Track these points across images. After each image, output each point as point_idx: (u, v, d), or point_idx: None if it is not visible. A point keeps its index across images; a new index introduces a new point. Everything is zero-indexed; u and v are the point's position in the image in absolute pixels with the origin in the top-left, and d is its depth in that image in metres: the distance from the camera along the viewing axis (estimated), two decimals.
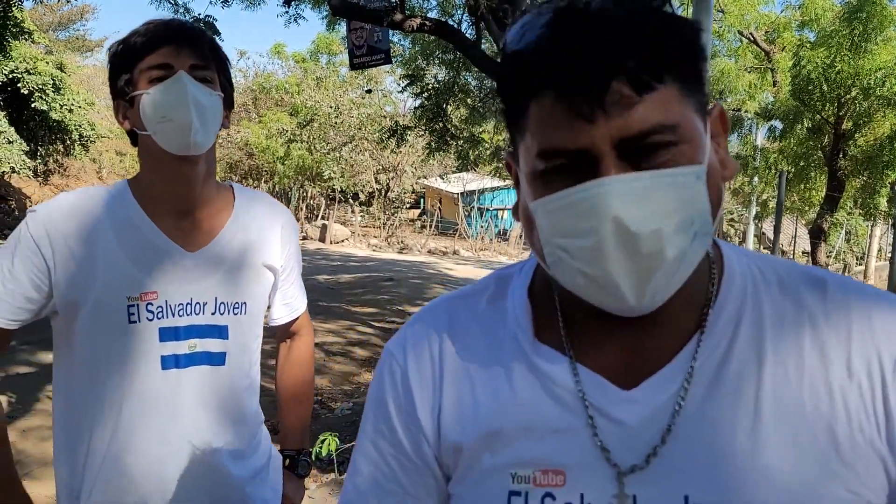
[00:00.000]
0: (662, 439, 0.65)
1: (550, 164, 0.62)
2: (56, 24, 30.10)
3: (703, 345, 0.67)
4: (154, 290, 1.30)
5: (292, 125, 25.65)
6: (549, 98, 0.60)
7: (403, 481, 0.76)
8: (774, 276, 0.71)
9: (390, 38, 8.42)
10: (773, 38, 12.96)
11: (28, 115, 16.59)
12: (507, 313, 0.75)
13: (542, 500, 0.67)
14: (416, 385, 0.75)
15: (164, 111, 1.25)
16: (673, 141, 0.60)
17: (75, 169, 24.06)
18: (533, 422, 0.69)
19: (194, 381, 1.35)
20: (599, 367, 0.69)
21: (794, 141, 11.84)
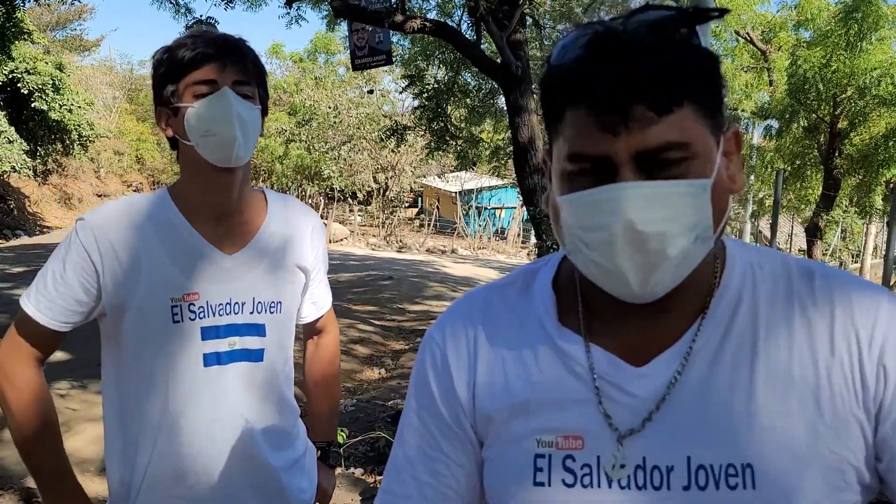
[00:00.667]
0: (657, 406, 0.75)
1: (577, 166, 0.71)
2: (54, 23, 30.07)
3: (704, 327, 0.77)
4: (196, 291, 1.38)
5: (291, 125, 25.70)
6: (581, 110, 0.69)
7: (445, 448, 0.85)
8: (770, 267, 0.81)
9: (390, 38, 8.48)
10: (770, 37, 13.06)
11: (28, 114, 16.62)
12: (535, 301, 0.85)
13: (564, 461, 0.77)
14: (453, 363, 0.85)
15: (209, 125, 1.33)
16: (684, 157, 0.69)
17: (74, 168, 24.07)
18: (556, 395, 0.79)
19: (235, 377, 1.42)
20: (614, 348, 0.79)
21: (790, 140, 11.94)
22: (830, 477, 0.72)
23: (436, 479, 0.86)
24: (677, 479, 0.73)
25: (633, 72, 0.66)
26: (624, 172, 0.69)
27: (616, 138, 0.68)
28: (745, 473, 0.72)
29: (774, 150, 12.89)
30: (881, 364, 0.73)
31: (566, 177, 0.73)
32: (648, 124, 0.67)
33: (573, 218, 0.72)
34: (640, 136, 0.68)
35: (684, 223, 0.69)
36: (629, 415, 0.76)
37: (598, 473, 0.76)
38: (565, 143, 0.72)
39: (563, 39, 0.73)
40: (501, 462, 0.82)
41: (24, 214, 20.43)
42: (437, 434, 0.86)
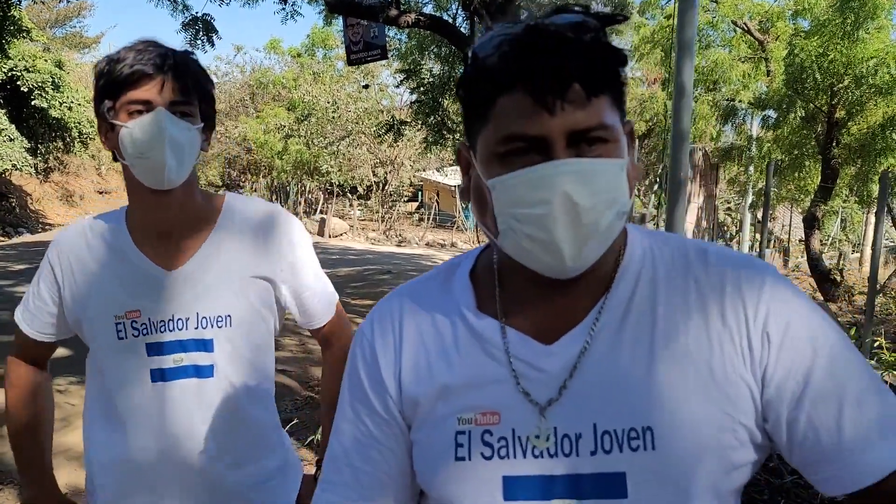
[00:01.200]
0: (570, 374, 0.82)
1: (510, 146, 0.76)
2: (53, 21, 30.09)
3: (607, 305, 0.84)
4: (137, 309, 1.38)
5: (290, 120, 25.71)
6: (518, 93, 0.75)
7: (377, 435, 0.91)
8: (668, 248, 0.88)
9: (386, 33, 8.49)
10: (767, 27, 13.01)
11: (28, 112, 16.67)
12: (455, 291, 0.91)
13: (482, 435, 0.83)
14: (380, 354, 0.91)
15: (141, 148, 1.30)
16: (606, 138, 0.77)
17: (75, 166, 24.13)
18: (474, 376, 0.85)
19: (181, 394, 1.39)
20: (526, 328, 0.85)
21: (787, 130, 11.92)
22: (724, 436, 0.78)
23: (370, 465, 0.91)
24: (585, 446, 0.80)
25: (567, 58, 0.74)
26: (557, 150, 0.75)
27: (552, 117, 0.74)
28: (646, 436, 0.78)
29: (772, 141, 12.88)
30: (765, 332, 0.80)
31: (496, 158, 0.78)
32: (581, 106, 0.74)
33: (507, 198, 0.77)
34: (573, 116, 0.74)
35: (610, 198, 0.77)
36: (542, 389, 0.82)
37: (513, 445, 0.81)
38: (497, 127, 0.77)
39: (484, 39, 0.79)
40: (427, 442, 0.87)
41: (26, 212, 20.51)
42: (369, 422, 0.91)
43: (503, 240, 0.80)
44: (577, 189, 0.74)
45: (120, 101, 1.31)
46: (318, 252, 1.61)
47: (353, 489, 0.91)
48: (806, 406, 0.79)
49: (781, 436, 0.80)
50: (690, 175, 12.89)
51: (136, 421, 1.41)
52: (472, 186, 0.84)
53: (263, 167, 28.50)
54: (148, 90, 1.30)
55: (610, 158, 0.77)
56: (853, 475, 0.78)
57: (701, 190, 13.67)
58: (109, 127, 1.34)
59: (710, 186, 14.30)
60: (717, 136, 14.95)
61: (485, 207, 0.81)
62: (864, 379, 0.80)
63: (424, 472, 0.88)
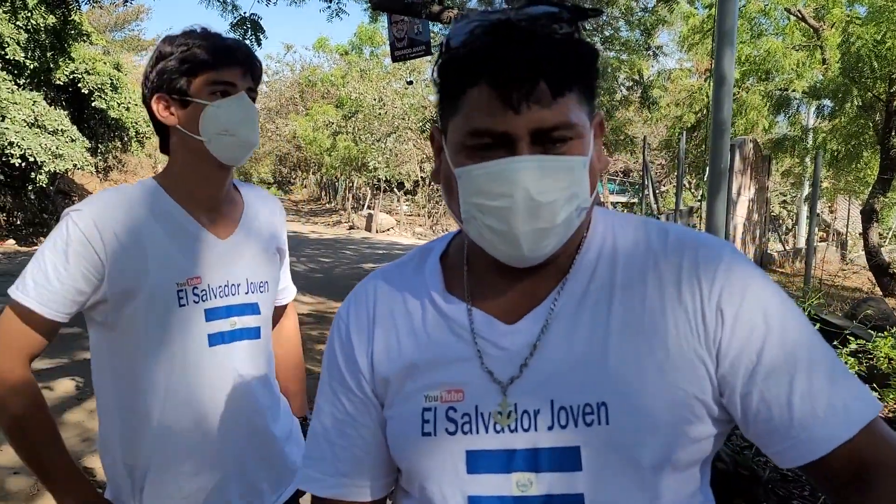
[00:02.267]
0: (531, 352, 0.85)
1: (476, 141, 0.79)
2: (112, 25, 31.06)
3: (567, 285, 0.87)
4: (198, 275, 1.44)
5: (338, 117, 26.01)
6: (485, 87, 0.77)
7: (352, 412, 0.94)
8: (632, 229, 0.91)
9: (431, 28, 8.54)
10: (823, 14, 12.60)
11: (88, 113, 17.26)
12: (425, 275, 0.95)
13: (447, 412, 0.86)
14: (354, 335, 0.95)
15: (228, 126, 1.40)
16: (570, 136, 0.79)
17: (132, 165, 24.90)
18: (440, 354, 0.88)
19: (239, 355, 1.49)
20: (491, 309, 0.88)
21: (844, 120, 11.55)
22: (679, 411, 0.81)
23: (347, 441, 0.95)
24: (543, 421, 0.82)
25: (536, 56, 0.75)
26: (521, 147, 0.77)
27: (517, 115, 0.76)
28: (600, 411, 0.81)
29: (828, 131, 12.49)
30: (719, 309, 0.82)
31: (463, 150, 0.81)
32: (546, 105, 0.76)
33: (471, 188, 0.80)
34: (537, 115, 0.76)
35: (569, 194, 0.79)
36: (504, 367, 0.85)
37: (476, 421, 0.85)
38: (465, 119, 0.80)
39: (458, 26, 0.81)
40: (397, 419, 0.91)
41: None
42: (345, 401, 0.95)
43: (466, 226, 0.84)
44: (537, 185, 0.77)
45: (201, 79, 1.39)
46: (365, 247, 1.79)
47: (331, 464, 0.95)
48: (758, 382, 0.81)
49: (736, 410, 0.83)
50: (741, 167, 12.60)
51: (192, 384, 1.44)
52: (442, 170, 0.87)
53: (313, 164, 28.91)
54: (233, 73, 1.40)
55: (572, 156, 0.79)
56: (802, 449, 0.80)
57: (752, 182, 13.33)
58: (181, 104, 1.41)
59: (761, 178, 13.94)
60: (769, 127, 14.54)
61: (452, 193, 0.84)
62: (816, 355, 0.82)
63: (395, 447, 0.92)
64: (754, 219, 13.53)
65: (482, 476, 0.83)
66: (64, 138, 14.48)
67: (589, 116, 0.82)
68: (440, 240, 1.00)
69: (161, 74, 1.41)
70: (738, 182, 12.40)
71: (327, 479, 0.96)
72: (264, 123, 31.43)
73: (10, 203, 16.48)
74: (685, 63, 21.04)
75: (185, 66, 1.39)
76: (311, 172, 31.02)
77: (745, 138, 12.94)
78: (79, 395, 4.80)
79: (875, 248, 11.21)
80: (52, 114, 14.43)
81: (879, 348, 4.47)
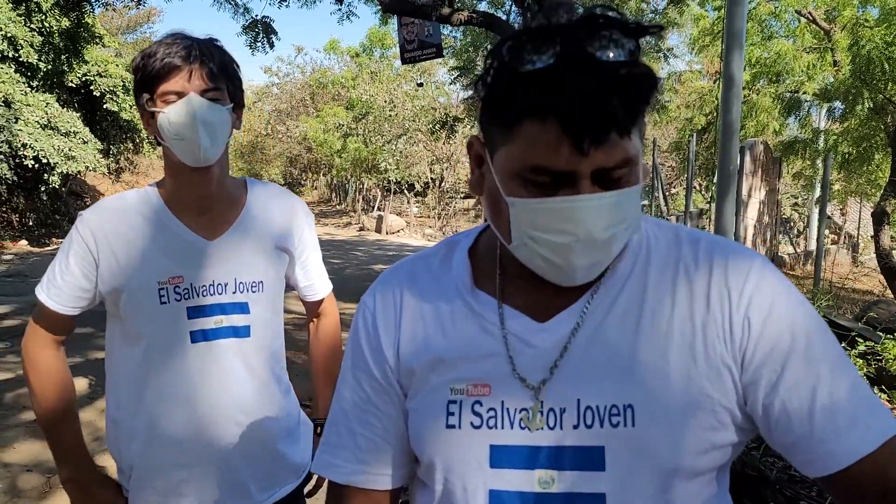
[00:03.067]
0: (561, 354, 0.85)
1: (535, 177, 0.77)
2: (125, 27, 31.27)
3: (600, 289, 0.88)
4: (180, 275, 1.50)
5: (348, 119, 26.06)
6: (553, 125, 0.73)
7: (375, 401, 0.95)
8: (664, 237, 0.91)
9: (441, 30, 8.57)
10: (833, 16, 12.54)
11: (101, 115, 17.38)
12: (453, 269, 0.95)
13: (472, 405, 0.87)
14: (381, 325, 0.96)
15: (177, 130, 1.44)
16: (630, 168, 0.78)
17: (144, 166, 25.06)
18: (469, 349, 0.89)
19: (223, 351, 1.53)
20: (522, 307, 0.89)
21: (855, 122, 11.48)
22: (704, 417, 0.82)
23: (367, 429, 0.95)
24: (569, 420, 0.83)
25: (610, 100, 0.71)
26: (583, 186, 0.76)
27: (583, 157, 0.74)
28: (627, 413, 0.82)
29: (839, 133, 12.41)
30: (747, 317, 0.83)
31: (520, 181, 0.79)
32: (614, 145, 0.75)
33: (528, 220, 0.79)
34: (603, 155, 0.75)
35: (626, 224, 0.80)
36: (533, 365, 0.86)
37: (502, 416, 0.85)
38: (524, 151, 0.76)
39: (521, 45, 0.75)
40: (420, 410, 0.91)
41: None
42: (368, 389, 0.96)
43: (516, 249, 0.83)
44: (599, 223, 0.77)
45: (156, 93, 1.45)
46: (375, 248, 1.77)
47: (351, 452, 0.96)
48: (780, 392, 0.81)
49: (759, 419, 0.83)
50: (751, 169, 12.56)
51: (174, 382, 1.51)
52: (487, 187, 0.85)
53: (323, 165, 28.98)
54: (178, 81, 1.43)
55: (631, 187, 0.78)
56: (822, 461, 0.81)
57: (763, 184, 13.28)
58: (150, 115, 1.48)
59: (772, 181, 13.88)
60: (780, 129, 14.48)
61: (500, 216, 0.83)
62: (839, 369, 0.83)
63: (417, 437, 0.92)
64: (765, 221, 13.48)
65: (505, 471, 0.84)
66: (76, 140, 14.60)
67: (641, 139, 0.81)
68: (467, 233, 1.00)
69: (133, 92, 1.52)
70: (748, 184, 12.35)
71: (346, 465, 0.96)
72: (274, 125, 31.57)
73: (23, 204, 16.63)
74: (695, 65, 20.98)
75: (142, 83, 1.47)
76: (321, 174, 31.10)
77: (755, 140, 12.90)
78: (91, 395, 4.84)
79: (886, 251, 11.11)
80: (64, 115, 14.56)
81: (888, 350, 4.46)
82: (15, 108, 13.40)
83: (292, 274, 1.71)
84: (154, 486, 1.55)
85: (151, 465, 1.55)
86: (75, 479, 1.58)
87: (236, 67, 1.55)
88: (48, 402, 1.55)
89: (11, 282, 10.13)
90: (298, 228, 1.69)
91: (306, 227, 1.72)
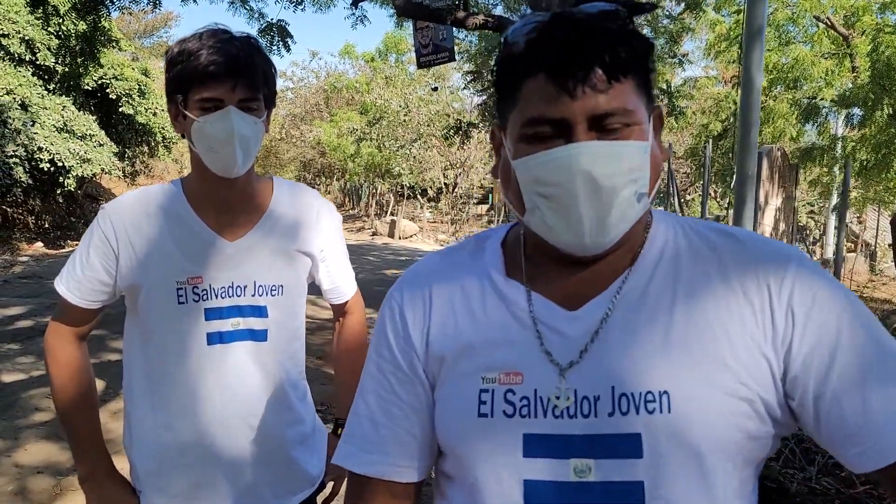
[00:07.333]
0: (592, 339, 0.84)
1: (534, 130, 0.80)
2: (141, 32, 31.56)
3: (631, 276, 0.87)
4: (199, 275, 1.47)
5: (362, 123, 26.13)
6: (542, 76, 0.78)
7: (400, 392, 0.94)
8: (693, 228, 0.92)
9: (455, 34, 8.56)
10: (852, 22, 12.42)
11: (116, 118, 17.50)
12: (485, 258, 0.95)
13: (505, 394, 0.85)
14: (409, 314, 0.95)
15: (211, 143, 1.40)
16: (627, 123, 0.79)
17: (159, 169, 25.25)
18: (499, 336, 0.88)
19: (239, 354, 1.50)
20: (552, 295, 0.88)
21: (874, 129, 11.37)
22: (739, 405, 0.80)
23: (391, 420, 0.94)
24: (603, 407, 0.81)
25: (589, 42, 0.77)
26: (579, 133, 0.78)
27: (573, 101, 0.77)
28: (662, 399, 0.80)
29: (858, 140, 12.28)
30: (790, 308, 0.82)
31: (522, 140, 0.82)
32: (601, 90, 0.77)
33: (532, 177, 0.81)
34: (593, 100, 0.77)
35: (630, 178, 0.79)
36: (564, 352, 0.85)
37: (535, 404, 0.84)
38: (523, 110, 0.81)
39: (516, 25, 0.83)
40: (451, 399, 0.89)
41: None
42: (393, 380, 0.94)
43: (529, 216, 0.84)
44: (596, 169, 0.77)
45: (191, 96, 1.39)
46: (388, 253, 1.73)
47: (373, 443, 0.94)
48: (832, 382, 0.79)
49: (808, 413, 0.81)
50: (768, 175, 12.43)
51: (189, 383, 1.48)
52: (501, 164, 0.88)
53: (337, 170, 29.06)
54: (219, 90, 1.38)
55: (632, 141, 0.79)
56: (878, 452, 0.78)
57: (779, 191, 13.16)
58: (182, 115, 1.43)
59: (789, 188, 13.75)
60: (797, 136, 14.35)
61: (510, 185, 0.85)
62: (890, 356, 0.80)
63: (446, 428, 0.90)
64: (781, 228, 13.34)
65: (539, 460, 0.83)
66: (92, 143, 14.70)
67: (647, 106, 0.83)
68: (496, 230, 1.00)
69: (166, 85, 1.46)
70: (764, 190, 12.23)
71: (367, 456, 0.95)
72: (289, 129, 31.69)
73: (39, 206, 16.76)
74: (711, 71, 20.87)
75: (179, 83, 1.41)
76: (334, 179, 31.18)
77: (771, 146, 12.78)
78: (103, 397, 4.83)
79: None
80: (80, 119, 14.66)
81: None
82: (32, 111, 13.51)
83: (316, 276, 1.67)
84: (167, 490, 1.52)
85: (164, 468, 1.52)
86: (92, 475, 1.56)
87: (274, 72, 1.50)
88: (67, 393, 1.53)
89: (27, 283, 10.20)
90: (322, 232, 1.64)
91: (332, 230, 1.67)
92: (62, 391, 1.53)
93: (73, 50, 15.03)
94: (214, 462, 1.51)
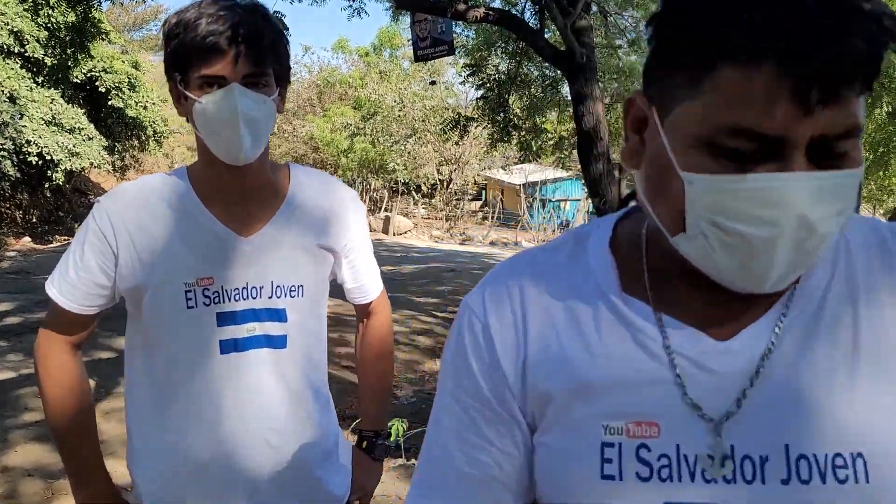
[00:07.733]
0: (751, 382, 0.65)
1: (734, 143, 0.58)
2: (131, 24, 31.25)
3: (797, 298, 0.67)
4: (210, 276, 1.31)
5: (356, 119, 25.98)
6: (766, 69, 0.54)
7: (488, 433, 0.74)
8: (862, 234, 0.72)
9: (453, 29, 8.43)
10: None
11: (106, 112, 17.26)
12: (590, 267, 0.74)
13: (637, 451, 0.66)
14: (497, 336, 0.74)
15: (214, 126, 1.24)
16: (855, 143, 0.59)
17: (149, 164, 24.97)
18: (624, 373, 0.68)
19: (256, 364, 1.35)
20: (690, 320, 0.68)
21: (872, 126, 11.35)
22: None
23: (477, 469, 0.75)
24: (774, 472, 0.63)
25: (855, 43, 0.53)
26: (797, 159, 0.57)
27: (805, 117, 0.55)
28: (857, 464, 0.62)
29: None
30: None
31: (706, 147, 0.59)
32: (844, 105, 0.55)
33: (716, 203, 0.59)
34: (830, 117, 0.55)
35: (844, 217, 0.60)
36: (715, 397, 0.66)
37: (678, 465, 0.65)
38: (718, 109, 0.58)
39: None
40: (561, 450, 0.70)
41: None
42: (479, 417, 0.74)
43: (686, 242, 0.63)
44: (815, 210, 0.57)
45: (192, 73, 1.23)
46: (382, 250, 1.59)
47: (457, 498, 0.76)
48: None
49: None
50: None
51: (201, 397, 1.33)
52: (650, 159, 0.66)
53: (330, 166, 28.89)
54: (221, 66, 1.21)
55: (854, 169, 0.59)
56: None
57: None
58: (183, 96, 1.27)
59: None
60: None
61: (666, 195, 0.63)
62: None
63: (555, 485, 0.71)
64: None
65: None
66: (81, 136, 14.49)
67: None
68: (596, 224, 0.78)
69: (164, 62, 1.29)
70: None
71: None
72: (281, 125, 31.48)
73: (27, 201, 16.53)
74: None
75: (177, 60, 1.25)
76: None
77: None
78: (94, 397, 4.69)
79: None
80: (69, 112, 14.44)
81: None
82: (20, 103, 13.28)
83: (339, 273, 1.50)
84: None
85: (173, 492, 1.37)
86: (94, 502, 1.40)
87: (286, 43, 1.32)
88: (63, 415, 1.37)
89: (15, 279, 10.01)
90: (346, 225, 1.46)
91: (356, 222, 1.50)
92: (57, 409, 1.37)
93: (63, 41, 14.78)
94: (227, 483, 1.36)
